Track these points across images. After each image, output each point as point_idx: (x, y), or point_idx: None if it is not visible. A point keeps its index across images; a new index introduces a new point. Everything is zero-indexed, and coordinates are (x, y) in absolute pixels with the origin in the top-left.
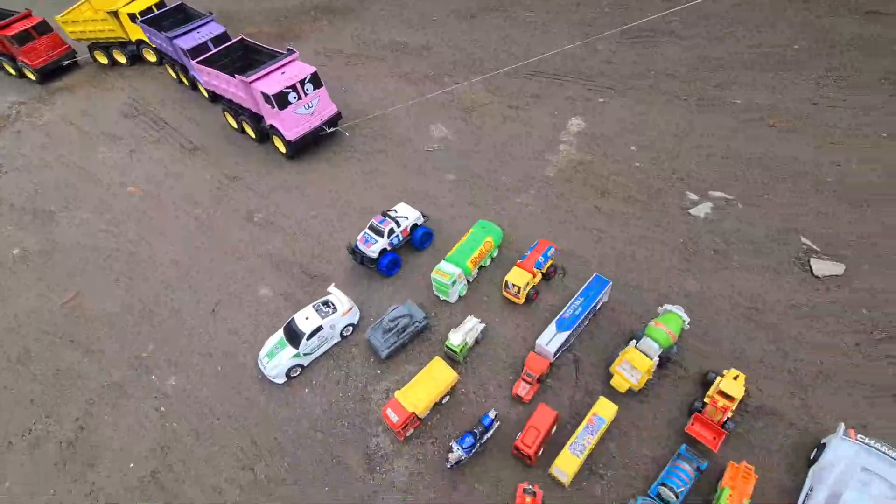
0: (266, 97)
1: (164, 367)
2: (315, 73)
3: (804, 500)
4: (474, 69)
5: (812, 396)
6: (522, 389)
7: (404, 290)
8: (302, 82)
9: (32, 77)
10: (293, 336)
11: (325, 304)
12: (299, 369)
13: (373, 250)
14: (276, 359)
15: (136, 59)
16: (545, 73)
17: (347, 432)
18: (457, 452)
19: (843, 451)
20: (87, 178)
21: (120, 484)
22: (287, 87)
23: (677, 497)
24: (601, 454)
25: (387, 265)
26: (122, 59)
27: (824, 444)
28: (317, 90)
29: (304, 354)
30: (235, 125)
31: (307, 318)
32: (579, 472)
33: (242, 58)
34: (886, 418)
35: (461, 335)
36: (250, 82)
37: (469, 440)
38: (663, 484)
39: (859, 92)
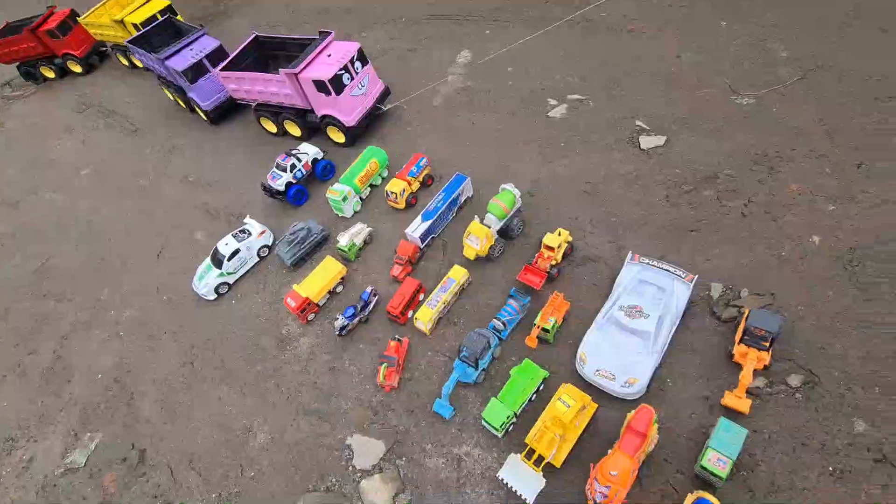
0: (320, 84)
1: (120, 304)
2: (361, 48)
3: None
4: (383, 21)
5: (625, 242)
6: (396, 270)
7: (313, 215)
8: (352, 61)
9: (78, 69)
10: (217, 260)
11: (242, 231)
12: (226, 287)
13: (279, 184)
14: (206, 279)
15: None
16: (442, 16)
17: (264, 325)
18: (340, 321)
19: (630, 272)
20: (47, 167)
21: (91, 390)
22: (340, 69)
23: (505, 325)
24: (457, 309)
25: (293, 194)
26: (139, 63)
27: None
28: (365, 67)
29: (228, 273)
30: (276, 129)
31: (227, 244)
32: (439, 323)
33: (257, 59)
34: (682, 248)
35: (348, 237)
36: (298, 73)
37: (350, 311)
38: (496, 318)
39: None
